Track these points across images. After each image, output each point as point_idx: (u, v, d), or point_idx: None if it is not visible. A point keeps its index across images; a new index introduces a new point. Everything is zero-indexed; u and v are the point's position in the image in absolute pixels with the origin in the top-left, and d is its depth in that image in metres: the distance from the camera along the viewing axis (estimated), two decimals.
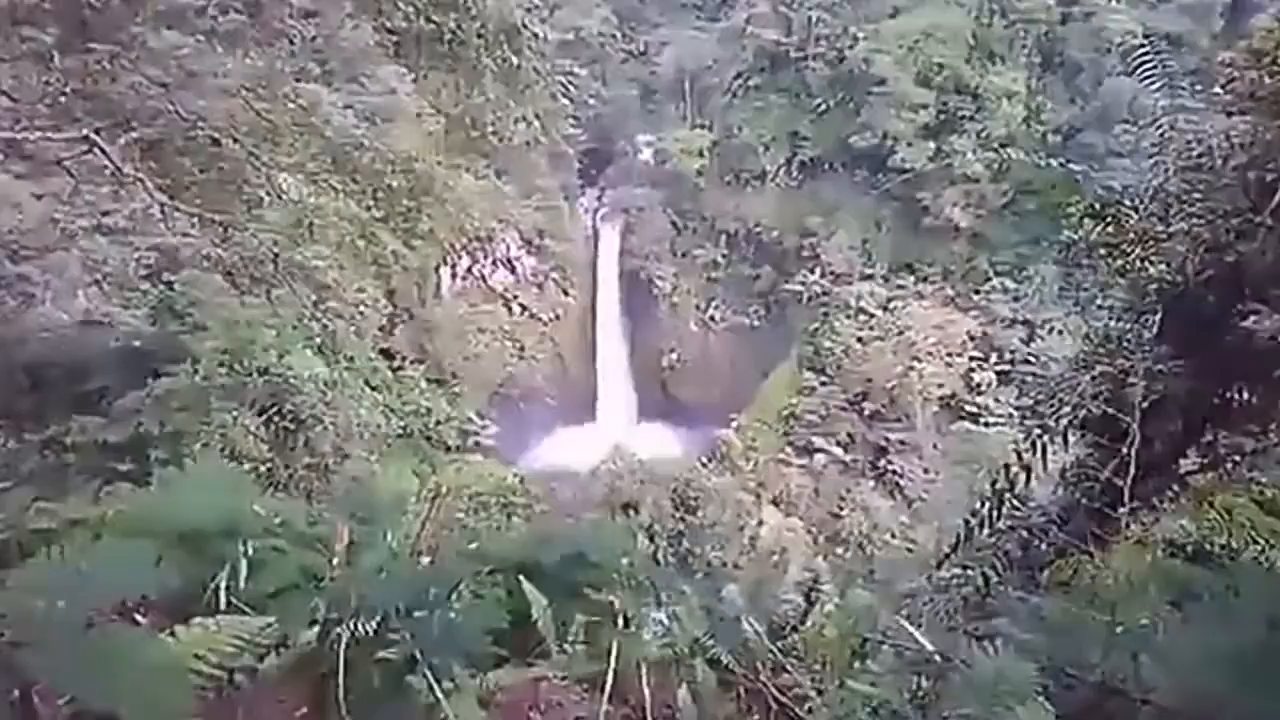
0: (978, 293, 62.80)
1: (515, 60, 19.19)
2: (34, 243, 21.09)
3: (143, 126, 16.92)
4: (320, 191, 20.87)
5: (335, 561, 6.18)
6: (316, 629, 5.65)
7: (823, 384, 59.48)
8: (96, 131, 15.91)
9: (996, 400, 56.31)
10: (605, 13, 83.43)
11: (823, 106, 70.46)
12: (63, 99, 16.16)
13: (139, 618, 5.09)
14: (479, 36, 18.06)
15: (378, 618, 5.54)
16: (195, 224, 19.69)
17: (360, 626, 5.50)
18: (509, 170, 55.78)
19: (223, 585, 5.94)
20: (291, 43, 18.87)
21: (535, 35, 19.55)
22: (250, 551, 6.43)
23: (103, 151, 15.96)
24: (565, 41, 64.84)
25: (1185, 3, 64.08)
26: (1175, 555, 8.23)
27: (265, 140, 18.50)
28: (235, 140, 17.79)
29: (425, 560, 7.09)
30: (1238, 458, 9.44)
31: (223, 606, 5.70)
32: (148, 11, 16.10)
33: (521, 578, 7.26)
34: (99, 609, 3.80)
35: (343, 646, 5.30)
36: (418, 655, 5.19)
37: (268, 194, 19.73)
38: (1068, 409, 9.50)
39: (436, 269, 60.00)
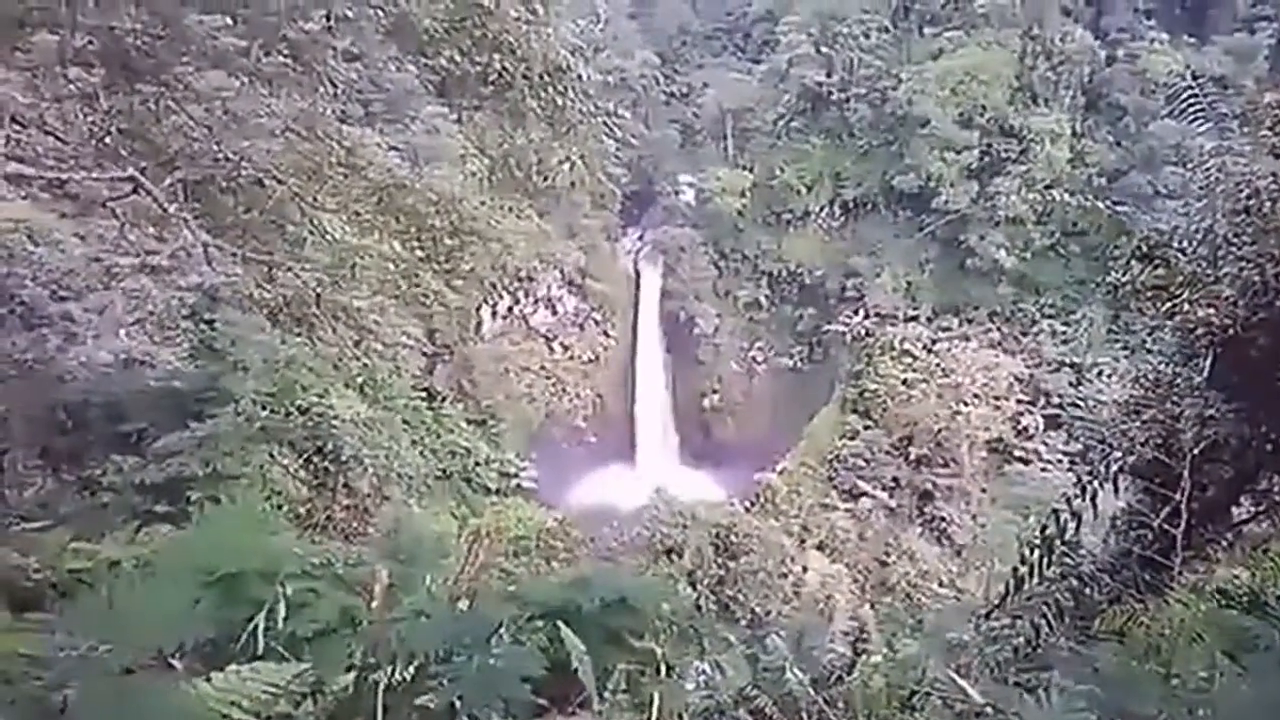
0: (1025, 335, 62.71)
1: (560, 101, 19.19)
2: (77, 282, 21.27)
3: (187, 167, 17.04)
4: (363, 232, 20.94)
5: (374, 605, 6.11)
6: (353, 675, 5.59)
7: (867, 427, 59.01)
8: (141, 171, 16.03)
9: (1045, 445, 56.01)
10: (647, 54, 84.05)
11: (865, 147, 70.77)
12: (108, 139, 16.28)
13: (174, 662, 5.02)
14: (524, 78, 18.08)
15: (416, 663, 5.47)
16: (238, 263, 19.78)
17: (398, 672, 5.43)
18: (551, 211, 55.94)
19: (260, 628, 5.89)
20: (335, 85, 18.96)
21: (580, 77, 19.56)
22: (288, 594, 6.39)
23: (147, 191, 16.07)
24: (608, 83, 65.33)
25: (1229, 45, 64.19)
26: (1231, 605, 8.08)
27: (309, 181, 18.59)
28: (279, 181, 17.88)
29: (464, 604, 7.01)
30: None
31: (260, 650, 5.64)
32: (192, 53, 16.21)
33: (561, 624, 7.16)
34: (136, 655, 3.74)
35: (380, 692, 5.23)
36: (456, 703, 5.10)
37: (311, 234, 19.81)
38: (1118, 454, 9.37)
39: (478, 309, 60.31)
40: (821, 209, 72.96)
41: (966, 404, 56.74)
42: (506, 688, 5.18)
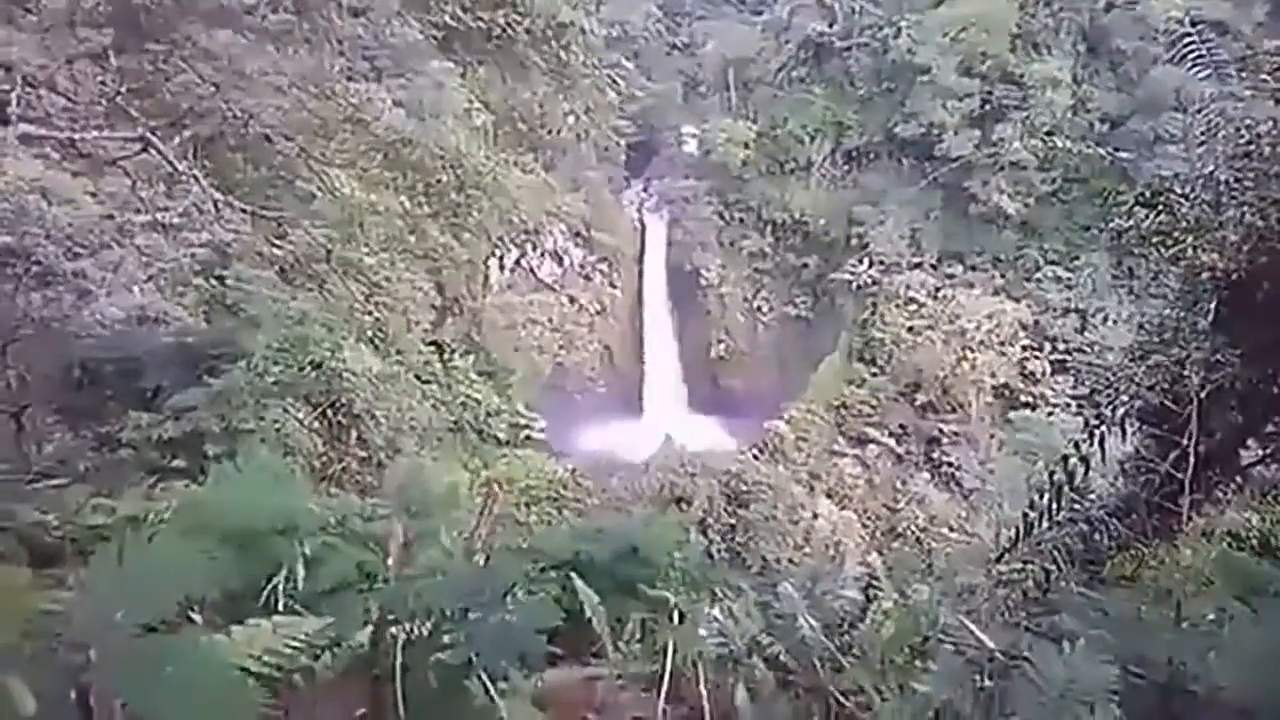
0: (1029, 281, 62.48)
1: (563, 55, 19.15)
2: (90, 239, 21.22)
3: (196, 125, 17.07)
4: (371, 188, 20.94)
5: (390, 561, 6.12)
6: (371, 630, 5.61)
7: (873, 374, 59.33)
8: (152, 130, 16.05)
9: (1052, 389, 55.98)
10: (650, 6, 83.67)
11: (867, 96, 70.47)
12: (118, 99, 16.28)
13: (194, 616, 5.04)
14: (527, 32, 18.04)
15: (433, 619, 5.49)
16: (248, 220, 19.79)
17: (416, 628, 5.46)
18: (556, 164, 55.74)
19: (281, 586, 5.91)
20: (340, 41, 18.89)
21: (583, 30, 19.47)
22: (306, 550, 6.40)
23: (158, 150, 16.09)
24: (610, 36, 65.02)
25: None
26: (1240, 548, 8.11)
27: (316, 137, 18.59)
28: (287, 138, 17.90)
29: (480, 558, 7.03)
30: None
31: (279, 605, 5.67)
32: (200, 12, 16.15)
33: (574, 574, 7.19)
34: (158, 612, 3.74)
35: (399, 648, 5.25)
36: (473, 658, 5.12)
37: (319, 190, 19.83)
38: (1125, 399, 9.38)
39: (485, 262, 60.22)
40: (824, 158, 72.55)
41: (972, 350, 56.83)
42: (522, 640, 5.21)
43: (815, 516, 47.88)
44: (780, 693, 6.75)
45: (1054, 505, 9.54)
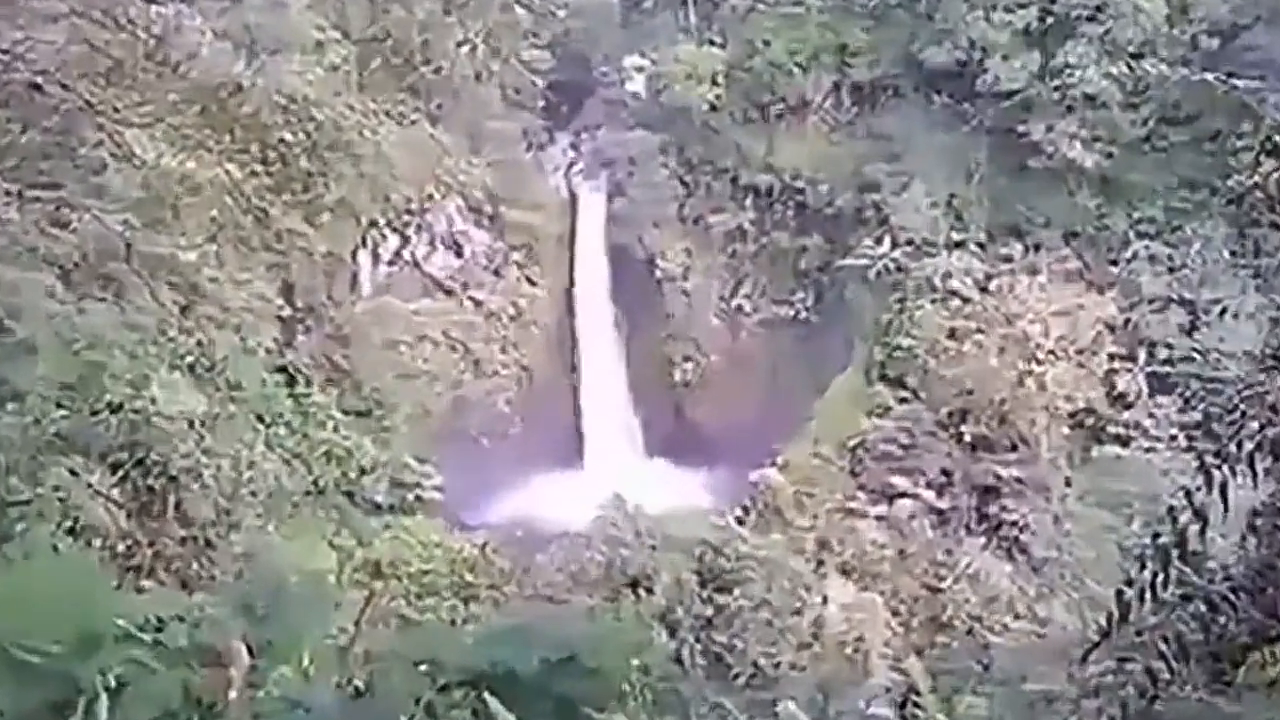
0: (1115, 263, 62.30)
1: None
2: None
3: None
4: (186, 152, 20.79)
5: (234, 694, 6.04)
6: None
7: (903, 400, 59.24)
8: None
9: (1151, 415, 55.99)
10: None
11: (880, 9, 70.02)
12: None
13: None
14: None
15: None
16: (14, 203, 19.62)
17: None
18: (448, 113, 55.55)
19: None
20: None
21: None
22: (111, 681, 6.28)
23: None
24: None
25: None
26: None
27: (107, 85, 18.44)
28: (64, 85, 17.74)
29: (356, 675, 6.95)
30: None
31: None
32: None
33: (488, 694, 7.09)
34: None
35: None
36: None
37: (113, 158, 19.67)
38: (1254, 426, 9.32)
39: (353, 254, 59.94)
40: (824, 97, 72.35)
41: (1039, 362, 56.97)
42: None
43: (825, 602, 47.95)
44: None
45: (1159, 579, 9.48)
